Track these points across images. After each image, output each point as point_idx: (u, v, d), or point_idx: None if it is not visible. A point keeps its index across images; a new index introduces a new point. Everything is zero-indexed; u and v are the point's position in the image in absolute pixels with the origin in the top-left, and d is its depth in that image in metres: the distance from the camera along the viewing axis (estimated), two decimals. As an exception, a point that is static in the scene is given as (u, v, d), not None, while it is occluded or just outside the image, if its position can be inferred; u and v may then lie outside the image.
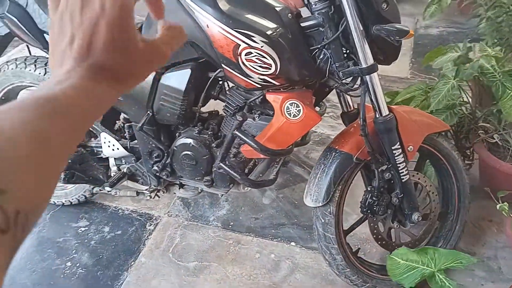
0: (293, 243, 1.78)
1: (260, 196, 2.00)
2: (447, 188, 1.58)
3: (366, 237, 1.74)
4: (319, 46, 1.28)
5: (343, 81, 1.35)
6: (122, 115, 1.68)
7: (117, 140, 1.60)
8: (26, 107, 0.31)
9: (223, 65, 1.29)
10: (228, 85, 1.50)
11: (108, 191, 1.65)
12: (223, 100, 1.51)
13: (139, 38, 0.39)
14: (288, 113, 1.31)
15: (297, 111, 1.30)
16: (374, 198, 1.38)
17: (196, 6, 1.25)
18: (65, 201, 1.91)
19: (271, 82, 1.28)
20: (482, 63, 1.64)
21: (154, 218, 1.91)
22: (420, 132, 1.40)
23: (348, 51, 1.30)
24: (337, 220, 1.41)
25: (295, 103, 1.30)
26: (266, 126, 1.36)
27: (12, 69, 1.67)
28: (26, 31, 1.46)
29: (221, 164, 1.40)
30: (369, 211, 1.40)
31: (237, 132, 1.33)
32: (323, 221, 1.40)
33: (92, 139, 1.66)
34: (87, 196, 1.89)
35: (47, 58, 1.69)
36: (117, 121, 1.70)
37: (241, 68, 1.27)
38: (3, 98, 1.78)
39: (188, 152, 1.49)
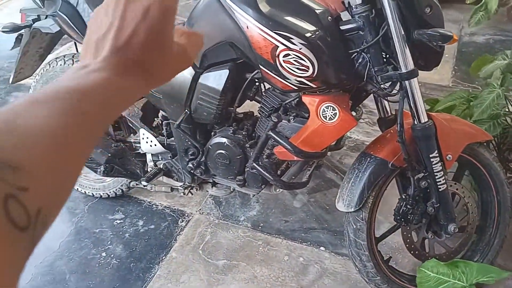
0: (322, 248, 1.77)
1: (291, 199, 2.00)
2: (487, 201, 1.52)
3: (398, 246, 1.70)
4: (358, 49, 1.27)
5: (382, 86, 1.33)
6: (161, 113, 1.72)
7: (155, 137, 1.64)
8: (50, 100, 0.30)
9: (260, 66, 1.30)
10: (265, 87, 1.52)
11: (144, 186, 1.70)
12: (258, 101, 1.52)
13: (174, 42, 0.41)
14: (323, 116, 1.30)
15: (333, 114, 1.30)
16: (408, 207, 1.35)
17: (236, 7, 1.27)
18: (103, 193, 1.98)
19: (308, 85, 1.28)
20: (529, 72, 1.58)
21: (186, 214, 1.95)
22: (460, 141, 1.36)
23: (387, 55, 1.29)
24: (369, 227, 1.39)
25: (331, 106, 1.30)
26: (300, 128, 1.37)
27: (60, 65, 1.75)
28: (76, 29, 1.53)
29: (254, 164, 1.41)
30: (402, 220, 1.37)
31: (271, 133, 1.34)
32: (354, 226, 1.39)
33: (132, 134, 1.72)
34: (124, 189, 1.95)
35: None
36: (155, 118, 1.76)
37: (278, 70, 1.28)
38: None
39: (222, 151, 1.51)
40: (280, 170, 1.53)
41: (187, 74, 1.46)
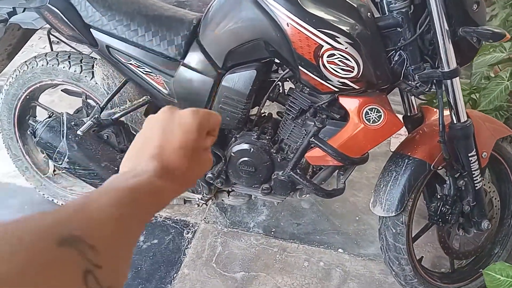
0: (340, 250, 1.72)
1: (298, 200, 1.92)
2: (505, 193, 1.56)
3: (421, 243, 1.69)
4: (396, 47, 1.21)
5: (417, 84, 1.28)
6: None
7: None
8: (110, 193, 0.35)
9: (300, 67, 1.20)
10: (283, 87, 1.42)
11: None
12: (281, 102, 1.42)
13: (203, 148, 0.47)
14: (367, 119, 1.24)
15: (378, 116, 1.23)
16: (447, 207, 1.33)
17: (274, 2, 1.15)
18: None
19: (351, 86, 1.20)
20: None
21: (190, 225, 1.81)
22: (492, 137, 1.36)
23: (423, 53, 1.24)
24: (408, 230, 1.35)
25: (375, 108, 1.23)
26: (337, 132, 1.29)
27: (42, 65, 1.52)
28: (71, 24, 1.32)
29: (291, 173, 1.31)
30: (440, 220, 1.35)
31: (315, 140, 1.24)
32: (394, 231, 1.35)
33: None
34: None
35: (82, 53, 1.55)
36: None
37: (320, 71, 1.18)
38: (27, 97, 1.62)
39: (247, 159, 1.40)
40: (308, 176, 1.45)
41: (207, 75, 1.31)
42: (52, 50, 1.64)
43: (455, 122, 1.27)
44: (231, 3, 1.23)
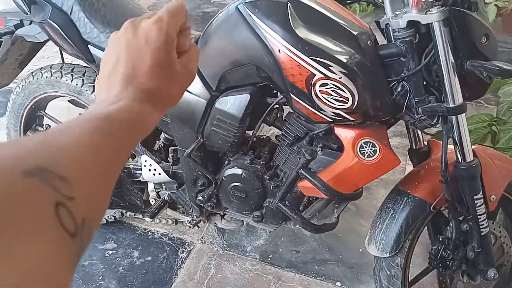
0: (338, 283, 1.64)
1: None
2: (519, 238, 1.43)
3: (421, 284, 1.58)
4: (398, 78, 1.13)
5: (421, 117, 1.20)
6: (163, 135, 1.54)
7: (157, 163, 1.45)
8: (82, 123, 0.33)
9: (292, 95, 1.14)
10: (283, 111, 1.36)
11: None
12: (278, 127, 1.37)
13: (177, 62, 0.43)
14: (361, 153, 1.16)
15: (373, 151, 1.15)
16: (448, 252, 1.23)
17: (267, 28, 1.11)
18: (92, 220, 1.77)
19: (345, 117, 1.13)
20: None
21: (186, 244, 1.77)
22: (503, 178, 1.25)
23: (428, 84, 1.15)
24: (404, 273, 1.26)
25: (370, 142, 1.15)
26: (331, 163, 1.22)
27: (46, 77, 1.54)
28: (69, 40, 1.32)
29: (279, 204, 1.25)
30: (440, 265, 1.25)
31: (303, 172, 1.18)
32: (388, 273, 1.26)
33: (130, 159, 1.52)
34: (117, 216, 1.75)
35: (86, 67, 1.55)
36: (157, 141, 1.57)
37: (312, 100, 1.12)
38: (33, 107, 1.64)
39: (238, 184, 1.35)
40: (302, 205, 1.38)
41: (201, 97, 1.28)
42: (63, 61, 1.66)
43: (460, 161, 1.17)
44: (227, 26, 1.19)
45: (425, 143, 1.36)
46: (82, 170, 0.29)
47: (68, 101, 1.74)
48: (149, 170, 1.43)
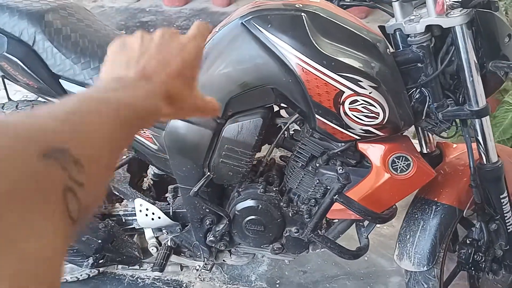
0: (354, 298, 1.57)
1: (299, 243, 1.76)
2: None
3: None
4: (417, 84, 1.08)
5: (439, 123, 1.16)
6: (151, 171, 1.35)
7: (152, 204, 1.27)
8: (102, 106, 0.32)
9: (317, 116, 1.03)
10: (289, 131, 1.26)
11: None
12: (286, 147, 1.26)
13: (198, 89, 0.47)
14: (394, 168, 1.09)
15: (406, 165, 1.09)
16: (480, 254, 1.21)
17: (285, 45, 0.99)
18: (71, 277, 1.52)
19: (375, 133, 1.05)
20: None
21: (184, 285, 1.59)
22: (521, 174, 1.25)
23: (444, 88, 1.12)
24: (440, 284, 1.22)
25: (403, 156, 1.08)
26: (357, 181, 1.14)
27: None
28: (34, 75, 1.09)
29: (312, 235, 1.14)
30: (472, 268, 1.23)
31: (340, 198, 1.08)
32: (426, 286, 1.21)
33: (118, 204, 1.31)
34: (101, 270, 1.52)
35: (48, 102, 1.31)
36: (143, 178, 1.38)
37: (341, 119, 1.03)
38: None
39: (254, 217, 1.22)
40: (324, 229, 1.29)
41: (204, 127, 1.13)
42: (8, 98, 1.39)
43: (484, 162, 1.15)
44: (231, 45, 1.05)
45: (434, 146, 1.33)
46: (96, 157, 0.29)
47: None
48: (146, 215, 1.24)
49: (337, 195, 1.06)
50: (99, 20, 1.22)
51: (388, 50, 1.04)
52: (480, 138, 1.12)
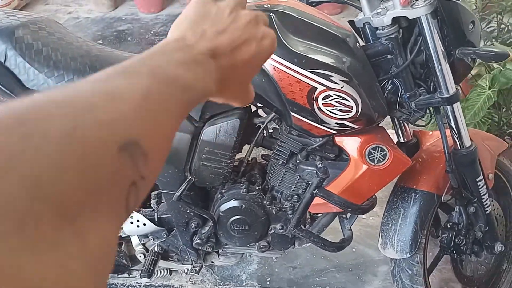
0: (345, 290, 1.59)
1: (288, 239, 1.78)
2: (505, 206, 1.50)
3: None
4: (389, 75, 1.10)
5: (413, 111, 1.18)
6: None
7: (137, 211, 1.27)
8: (168, 87, 0.30)
9: (292, 113, 1.05)
10: (267, 129, 1.27)
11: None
12: (266, 146, 1.28)
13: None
14: (370, 159, 1.11)
15: (382, 155, 1.11)
16: (461, 237, 1.24)
17: (255, 45, 1.00)
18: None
19: (349, 126, 1.08)
20: None
21: (176, 289, 1.60)
22: (493, 156, 1.29)
23: (415, 77, 1.14)
24: (424, 268, 1.25)
25: (378, 147, 1.11)
26: (336, 175, 1.16)
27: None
28: (8, 91, 1.09)
29: (296, 230, 1.16)
30: (454, 251, 1.26)
31: (319, 192, 1.10)
32: (410, 272, 1.23)
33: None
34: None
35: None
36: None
37: (315, 115, 1.05)
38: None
39: (239, 217, 1.23)
40: (308, 223, 1.31)
41: (183, 131, 1.14)
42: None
43: (459, 148, 1.18)
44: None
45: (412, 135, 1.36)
46: (161, 149, 0.28)
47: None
48: (131, 222, 1.25)
49: (316, 190, 1.08)
50: (71, 33, 1.22)
51: (358, 44, 1.06)
52: (452, 124, 1.15)
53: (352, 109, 1.04)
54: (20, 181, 0.19)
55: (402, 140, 1.33)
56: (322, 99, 1.03)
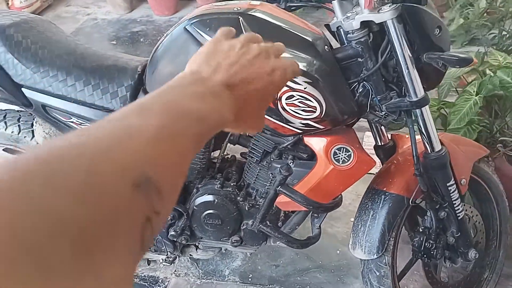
0: (325, 290, 1.61)
1: (274, 238, 1.81)
2: (487, 214, 1.48)
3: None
4: (359, 79, 1.13)
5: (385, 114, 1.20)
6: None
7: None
8: (181, 121, 0.31)
9: (258, 112, 1.09)
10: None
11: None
12: (243, 144, 1.32)
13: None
14: (336, 159, 1.14)
15: (347, 156, 1.14)
16: (431, 241, 1.24)
17: (222, 46, 1.05)
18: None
19: (314, 126, 1.11)
20: (501, 76, 1.57)
21: (160, 280, 1.66)
22: (468, 161, 1.29)
23: (387, 81, 1.16)
24: (393, 270, 1.26)
25: (343, 147, 1.13)
26: (306, 174, 1.18)
27: (-25, 129, 1.36)
28: (-2, 86, 1.17)
29: (261, 225, 1.20)
30: (425, 255, 1.26)
31: (282, 189, 1.13)
32: (377, 274, 1.25)
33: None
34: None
35: (20, 111, 1.40)
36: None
37: (280, 114, 1.08)
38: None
39: (212, 211, 1.28)
40: (281, 221, 1.34)
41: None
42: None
43: (429, 152, 1.19)
44: (176, 48, 1.12)
45: (389, 137, 1.37)
46: (174, 185, 0.28)
47: (3, 149, 1.57)
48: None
49: (279, 187, 1.12)
50: (62, 31, 1.30)
51: (326, 47, 1.09)
52: (422, 127, 1.16)
53: (316, 109, 1.07)
54: (41, 218, 0.20)
55: (379, 143, 1.35)
56: (286, 99, 1.06)
